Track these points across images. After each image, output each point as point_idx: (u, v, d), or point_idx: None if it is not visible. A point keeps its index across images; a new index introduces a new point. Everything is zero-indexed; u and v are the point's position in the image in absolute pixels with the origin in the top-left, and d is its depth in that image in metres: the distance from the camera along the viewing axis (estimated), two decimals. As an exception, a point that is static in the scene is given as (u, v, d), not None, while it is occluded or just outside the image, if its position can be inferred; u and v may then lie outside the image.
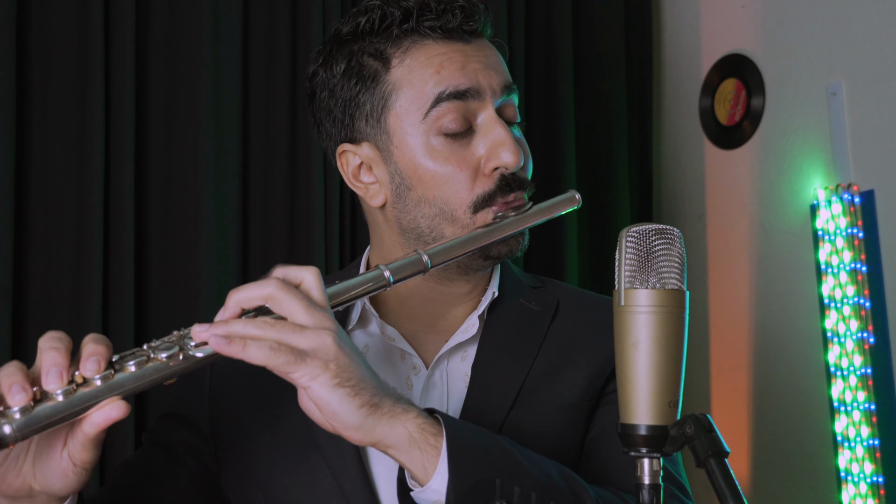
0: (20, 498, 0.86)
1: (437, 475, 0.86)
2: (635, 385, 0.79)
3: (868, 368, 2.31)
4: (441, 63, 1.05)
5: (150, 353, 0.84)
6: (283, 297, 0.86)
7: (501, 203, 1.07)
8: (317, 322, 0.85)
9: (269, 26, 2.26)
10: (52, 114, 1.99)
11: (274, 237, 2.25)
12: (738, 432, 2.66)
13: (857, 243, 2.35)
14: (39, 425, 0.79)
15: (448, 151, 1.05)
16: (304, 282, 0.88)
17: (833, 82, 2.47)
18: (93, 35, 2.00)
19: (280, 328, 0.84)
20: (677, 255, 0.81)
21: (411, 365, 1.12)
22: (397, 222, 1.10)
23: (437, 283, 1.12)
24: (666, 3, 2.98)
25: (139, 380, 0.83)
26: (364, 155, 1.10)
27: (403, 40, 1.06)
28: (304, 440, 1.07)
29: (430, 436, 0.87)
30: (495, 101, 1.07)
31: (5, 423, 0.77)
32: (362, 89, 1.08)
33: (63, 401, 0.80)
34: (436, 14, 1.06)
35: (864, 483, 2.28)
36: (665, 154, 2.97)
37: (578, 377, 1.10)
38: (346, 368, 0.85)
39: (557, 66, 2.66)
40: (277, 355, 0.83)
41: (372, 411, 0.85)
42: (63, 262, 1.98)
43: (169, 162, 2.12)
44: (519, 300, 1.16)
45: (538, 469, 0.90)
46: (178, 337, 0.85)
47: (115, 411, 0.81)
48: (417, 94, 1.05)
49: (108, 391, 0.81)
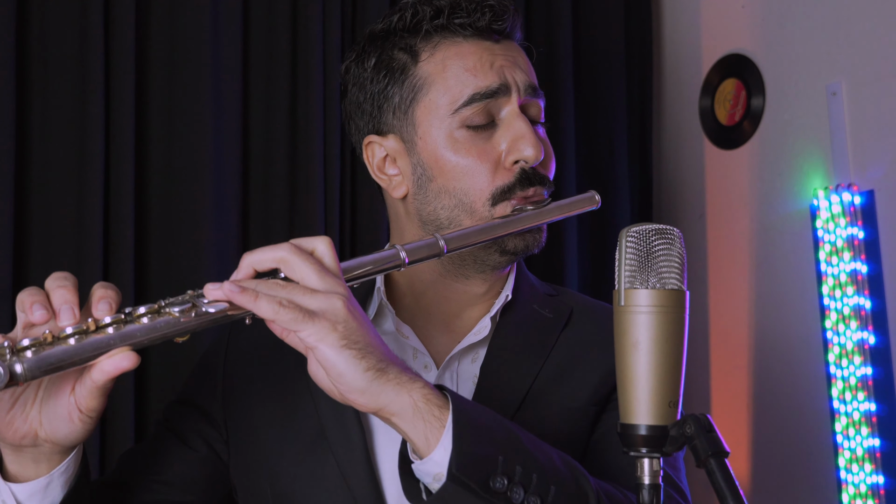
0: (25, 447, 0.87)
1: (439, 447, 0.85)
2: (635, 385, 0.79)
3: (868, 369, 2.31)
4: (475, 64, 1.08)
5: (163, 307, 0.84)
6: (295, 261, 0.86)
7: (520, 197, 1.08)
8: (328, 286, 0.86)
9: (270, 26, 2.26)
10: (52, 114, 1.99)
11: (274, 237, 2.24)
12: (738, 432, 2.66)
13: (857, 244, 2.35)
14: (51, 366, 0.79)
15: (470, 143, 1.07)
16: (316, 249, 0.89)
17: (833, 82, 2.47)
18: (93, 35, 1.99)
19: (291, 289, 0.85)
20: (677, 255, 0.81)
21: (422, 364, 1.13)
22: (417, 213, 1.11)
23: (453, 280, 1.13)
24: (666, 3, 2.98)
25: (150, 332, 0.83)
26: (389, 147, 1.12)
27: (433, 36, 1.09)
28: (313, 432, 1.08)
29: (436, 407, 0.87)
30: (520, 98, 1.09)
31: (17, 362, 0.78)
32: (391, 82, 1.10)
33: (75, 344, 0.80)
34: (467, 12, 1.08)
35: (864, 484, 2.28)
36: (665, 154, 2.97)
37: (586, 382, 1.11)
38: (354, 331, 0.85)
39: (557, 66, 2.66)
40: (286, 311, 0.83)
41: (378, 376, 0.85)
42: (63, 262, 1.98)
43: (169, 162, 2.11)
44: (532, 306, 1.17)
45: (541, 453, 0.90)
46: (190, 296, 0.86)
47: (125, 361, 0.82)
48: (450, 91, 1.07)
49: (119, 340, 0.82)
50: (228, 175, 2.16)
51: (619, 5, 2.80)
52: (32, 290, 0.85)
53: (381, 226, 2.28)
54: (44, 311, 0.82)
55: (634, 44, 2.86)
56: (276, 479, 1.09)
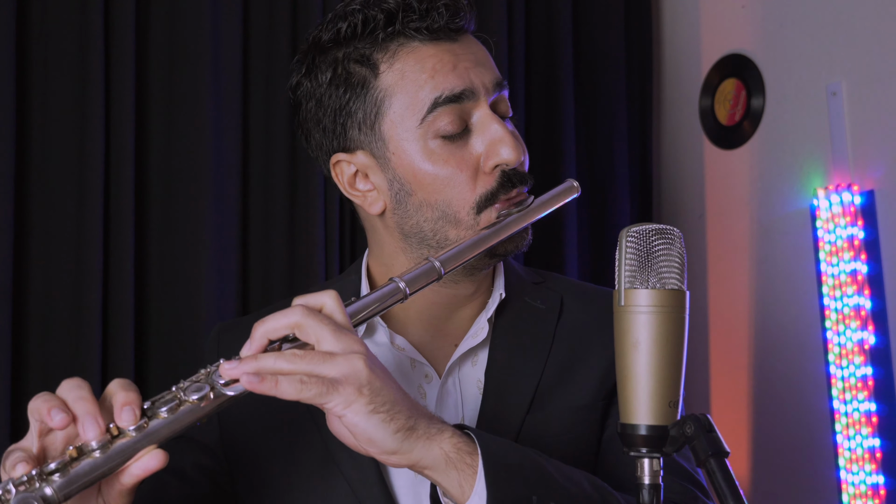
0: None
1: (474, 494, 0.86)
2: (635, 385, 0.79)
3: (868, 369, 2.31)
4: (434, 67, 1.03)
5: (181, 394, 0.83)
6: (310, 324, 0.85)
7: (504, 200, 1.06)
8: (345, 346, 0.84)
9: (270, 26, 2.26)
10: (52, 114, 1.99)
11: (274, 237, 2.25)
12: (738, 432, 2.66)
13: (857, 244, 2.35)
14: (80, 484, 0.78)
15: (447, 153, 1.04)
16: (325, 306, 0.87)
17: (833, 82, 2.47)
18: (93, 35, 1.99)
19: (310, 359, 0.83)
20: (677, 255, 0.81)
21: (423, 374, 1.11)
22: (398, 228, 1.09)
23: (441, 285, 1.10)
24: (666, 3, 2.98)
25: (173, 424, 0.82)
26: (359, 163, 1.08)
27: (390, 44, 1.04)
28: (321, 456, 1.06)
29: (466, 455, 0.87)
30: (489, 99, 1.06)
31: (47, 487, 0.77)
32: (352, 97, 1.05)
33: (101, 456, 0.79)
34: (419, 14, 1.03)
35: (864, 484, 2.28)
36: (665, 154, 2.97)
37: (590, 377, 1.11)
38: (380, 392, 0.84)
39: (557, 65, 2.66)
40: (309, 388, 0.82)
41: (408, 435, 0.85)
42: (63, 262, 1.98)
43: (169, 162, 2.11)
44: (524, 299, 1.15)
45: (571, 482, 0.91)
46: (206, 375, 0.85)
47: (153, 461, 0.81)
48: (412, 99, 1.03)
49: (144, 440, 0.80)
50: (228, 175, 2.16)
51: (619, 5, 2.80)
52: (46, 395, 0.81)
53: (381, 226, 2.28)
54: (64, 416, 0.79)
55: (634, 44, 2.86)
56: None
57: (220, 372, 0.84)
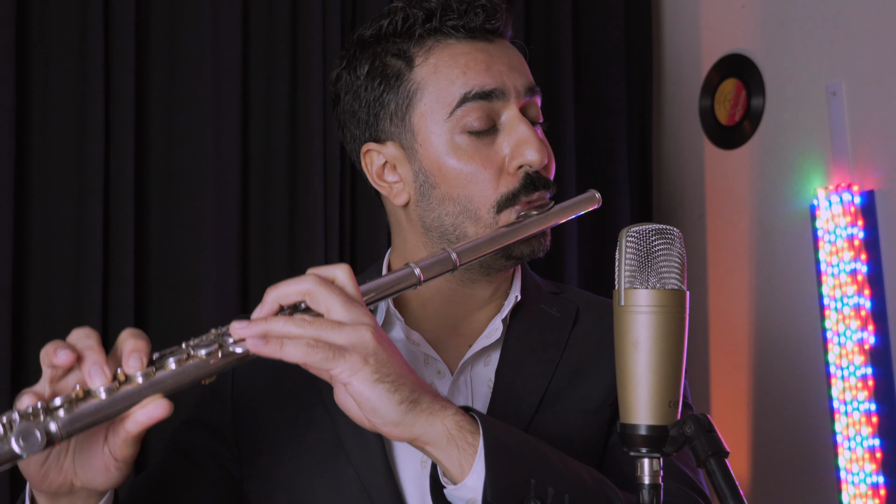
0: (61, 495, 0.87)
1: (473, 473, 0.86)
2: (635, 385, 0.79)
3: (868, 368, 2.31)
4: (467, 63, 1.07)
5: (190, 350, 0.84)
6: (320, 293, 0.86)
7: (525, 202, 1.07)
8: (354, 317, 0.85)
9: (270, 26, 2.26)
10: (52, 114, 1.99)
11: (274, 237, 2.25)
12: (738, 432, 2.66)
13: (857, 243, 2.35)
14: (84, 423, 0.79)
15: (472, 149, 1.06)
16: (337, 278, 0.88)
17: (833, 82, 2.47)
18: (93, 35, 1.99)
19: (319, 325, 0.84)
20: (677, 255, 0.81)
21: (435, 370, 1.13)
22: (420, 221, 1.11)
23: (459, 284, 1.12)
24: (666, 3, 2.98)
25: (179, 377, 0.83)
26: (388, 154, 1.11)
27: (427, 40, 1.08)
28: (330, 443, 1.08)
29: (468, 433, 0.87)
30: (519, 101, 1.09)
31: (51, 421, 0.78)
32: (386, 89, 1.09)
33: (107, 399, 0.80)
34: (458, 14, 1.07)
35: (864, 484, 2.28)
36: (665, 154, 2.97)
37: (600, 382, 1.11)
38: (386, 363, 0.85)
39: (557, 66, 2.66)
40: (315, 352, 0.83)
41: (411, 407, 0.86)
42: (63, 262, 1.98)
43: (169, 162, 2.11)
44: (540, 305, 1.17)
45: (571, 471, 0.91)
46: (216, 335, 0.86)
47: (158, 410, 0.81)
48: (443, 93, 1.06)
49: (150, 389, 0.82)
50: (228, 175, 2.16)
51: (619, 5, 2.80)
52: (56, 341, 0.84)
53: (380, 225, 2.28)
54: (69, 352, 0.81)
55: (634, 44, 2.86)
56: (293, 494, 1.08)
57: (230, 331, 0.85)
